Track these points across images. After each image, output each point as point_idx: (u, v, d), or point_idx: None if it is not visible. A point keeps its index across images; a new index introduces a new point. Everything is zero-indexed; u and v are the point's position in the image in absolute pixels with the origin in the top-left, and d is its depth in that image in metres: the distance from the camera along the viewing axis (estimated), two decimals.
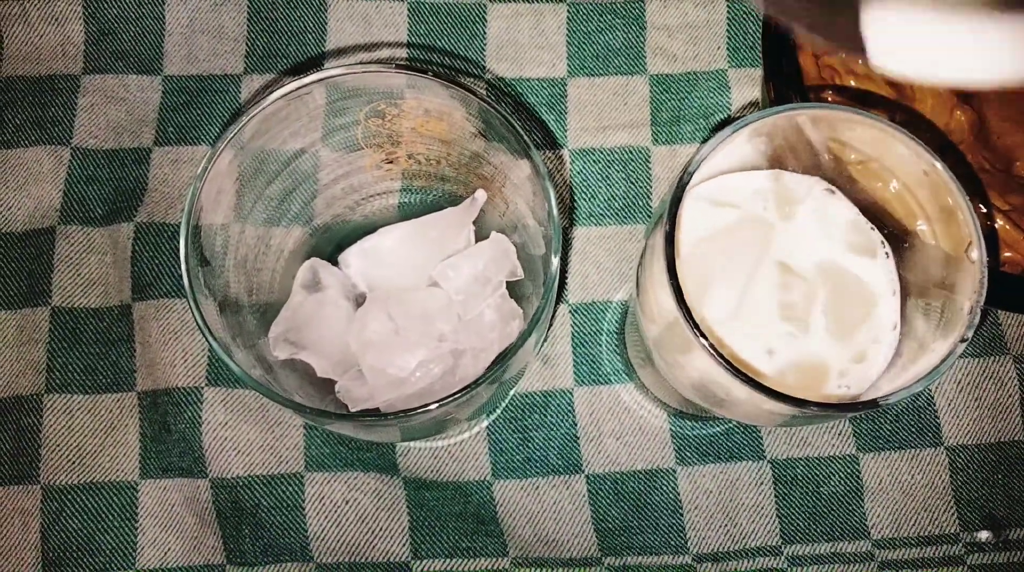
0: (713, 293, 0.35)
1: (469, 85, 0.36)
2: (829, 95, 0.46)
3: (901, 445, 0.48)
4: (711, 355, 0.30)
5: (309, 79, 0.35)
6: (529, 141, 0.35)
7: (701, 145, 0.34)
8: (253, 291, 0.39)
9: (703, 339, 0.30)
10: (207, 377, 0.47)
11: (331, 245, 0.43)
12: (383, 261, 0.42)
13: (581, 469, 0.47)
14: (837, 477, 0.47)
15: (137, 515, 0.45)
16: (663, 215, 0.32)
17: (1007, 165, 0.46)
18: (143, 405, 0.47)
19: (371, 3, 0.53)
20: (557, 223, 0.34)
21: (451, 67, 0.53)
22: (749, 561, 0.46)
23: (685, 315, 0.30)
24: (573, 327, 0.49)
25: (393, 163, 0.43)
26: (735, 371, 0.30)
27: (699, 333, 0.30)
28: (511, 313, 0.41)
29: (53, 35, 0.52)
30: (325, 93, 0.36)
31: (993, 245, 0.44)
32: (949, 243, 0.33)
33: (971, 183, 0.45)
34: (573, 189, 0.51)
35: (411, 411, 0.32)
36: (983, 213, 0.45)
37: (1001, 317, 0.49)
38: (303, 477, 0.46)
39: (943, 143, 0.46)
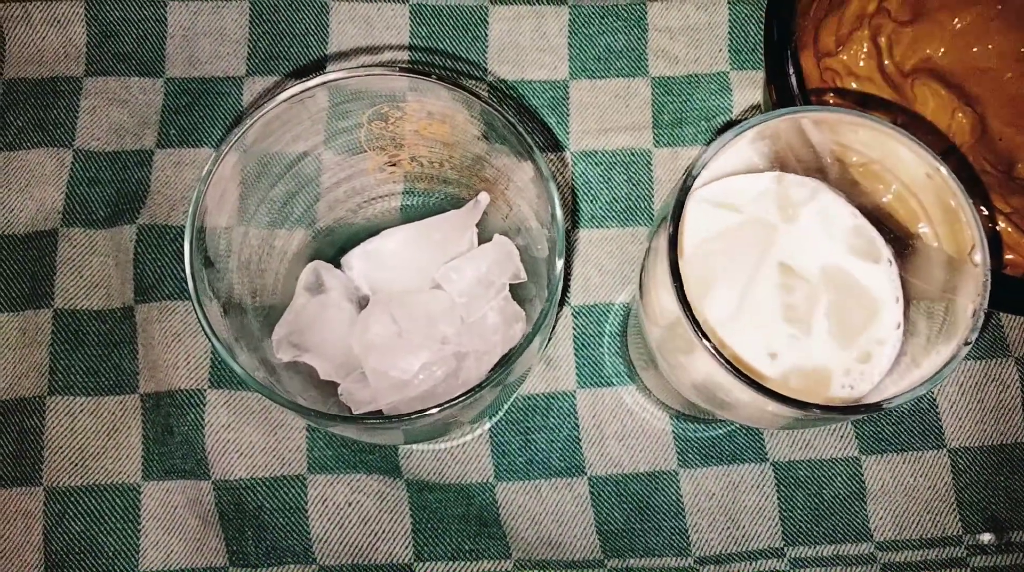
0: (715, 294, 0.35)
1: (472, 88, 0.36)
2: (830, 98, 0.46)
3: (903, 447, 0.48)
4: (713, 356, 0.30)
5: (313, 82, 0.35)
6: (532, 143, 0.35)
7: (704, 147, 0.34)
8: (256, 293, 0.39)
9: (706, 341, 0.30)
10: (210, 379, 0.47)
11: (334, 248, 0.43)
12: (386, 264, 0.42)
13: (583, 471, 0.47)
14: (839, 479, 0.47)
15: (140, 517, 0.45)
16: (666, 217, 0.32)
17: (1008, 167, 0.46)
18: (146, 407, 0.47)
19: (373, 5, 0.53)
20: (561, 226, 0.34)
21: (453, 69, 0.53)
22: (751, 563, 0.46)
23: (688, 316, 0.30)
24: (575, 329, 0.49)
25: (396, 166, 0.43)
26: (737, 373, 0.30)
27: (701, 335, 0.30)
28: (514, 316, 0.41)
29: (55, 37, 0.52)
30: (328, 96, 0.36)
31: (995, 247, 0.44)
32: (952, 246, 0.33)
33: (973, 185, 0.45)
34: (575, 191, 0.51)
35: (414, 414, 0.32)
36: (985, 215, 0.45)
37: (1003, 319, 0.49)
38: (306, 479, 0.46)
39: (944, 145, 0.46)
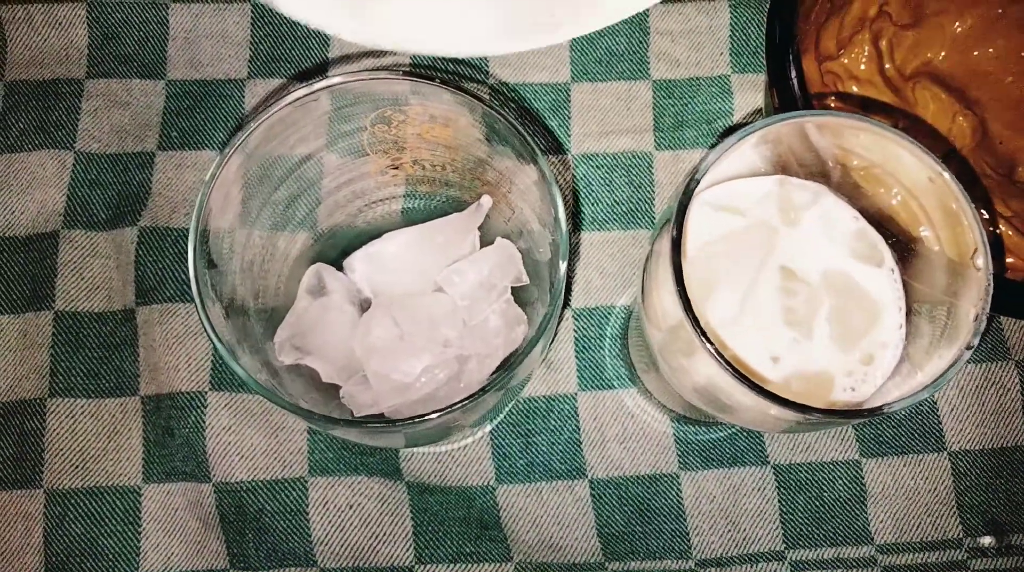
0: (717, 297, 0.35)
1: (474, 91, 0.36)
2: (832, 102, 0.46)
3: (904, 450, 0.48)
4: (715, 359, 0.30)
5: (316, 86, 0.35)
6: (535, 146, 0.35)
7: (707, 150, 0.34)
8: (259, 295, 0.39)
9: (708, 343, 0.30)
10: (211, 381, 0.47)
11: (336, 250, 0.43)
12: (388, 266, 0.42)
13: (584, 474, 0.47)
14: (840, 482, 0.47)
15: (140, 519, 0.45)
16: (669, 220, 0.32)
17: (1009, 170, 0.46)
18: (147, 409, 0.47)
19: None
20: (564, 229, 0.34)
21: (455, 72, 0.53)
22: (752, 566, 0.46)
23: (690, 319, 0.30)
24: (576, 332, 0.49)
25: (398, 169, 0.43)
26: (739, 376, 0.30)
27: (704, 337, 0.30)
28: (516, 319, 0.41)
29: (57, 39, 0.52)
30: (331, 100, 0.36)
31: (996, 251, 0.44)
32: (954, 250, 0.33)
33: (974, 189, 0.45)
34: (577, 194, 0.51)
35: (416, 418, 0.32)
36: (985, 219, 0.45)
37: (1004, 323, 0.49)
38: (307, 482, 0.46)
39: (945, 149, 0.46)
